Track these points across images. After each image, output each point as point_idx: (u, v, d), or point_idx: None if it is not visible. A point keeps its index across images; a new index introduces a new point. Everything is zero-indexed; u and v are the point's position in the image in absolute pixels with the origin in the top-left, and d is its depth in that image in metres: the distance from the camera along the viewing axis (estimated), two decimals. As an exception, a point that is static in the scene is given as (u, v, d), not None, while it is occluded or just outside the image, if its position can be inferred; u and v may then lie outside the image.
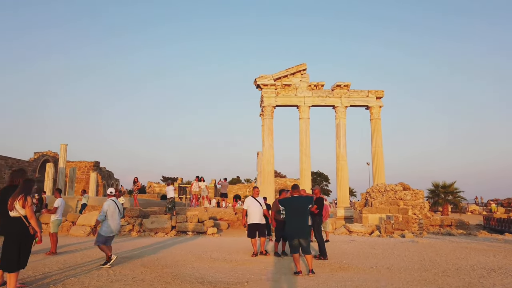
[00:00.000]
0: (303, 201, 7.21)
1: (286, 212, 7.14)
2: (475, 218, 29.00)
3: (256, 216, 9.86)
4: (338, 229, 18.49)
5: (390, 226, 17.94)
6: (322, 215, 10.05)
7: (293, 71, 26.35)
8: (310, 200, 7.39)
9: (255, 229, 9.81)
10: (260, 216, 9.92)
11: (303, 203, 7.16)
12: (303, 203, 7.16)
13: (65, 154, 43.02)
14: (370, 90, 26.60)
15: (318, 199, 9.71)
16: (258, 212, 9.89)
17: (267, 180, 25.81)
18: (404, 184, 21.38)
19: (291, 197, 7.48)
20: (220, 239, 14.01)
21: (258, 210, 9.90)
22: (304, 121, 26.22)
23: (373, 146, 26.40)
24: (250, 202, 10.04)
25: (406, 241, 13.88)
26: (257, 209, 9.90)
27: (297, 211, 7.00)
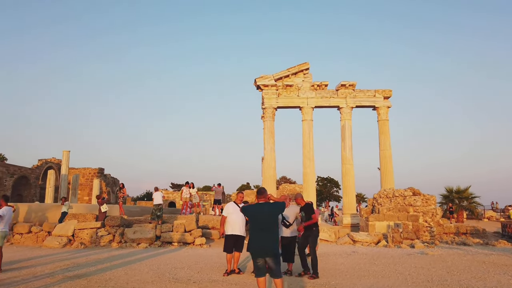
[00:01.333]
0: (270, 210, 5.55)
1: (250, 223, 5.69)
2: (492, 225, 27.10)
3: (236, 226, 8.38)
4: (341, 238, 16.99)
5: (398, 235, 16.38)
6: (317, 225, 8.65)
7: (295, 70, 25.01)
8: (279, 208, 5.69)
9: (232, 241, 8.32)
10: (241, 227, 8.44)
11: (270, 211, 5.52)
12: (270, 212, 5.51)
13: (67, 161, 42.25)
14: (377, 89, 25.11)
15: (307, 206, 8.34)
16: (239, 221, 8.40)
17: (268, 185, 24.39)
18: (413, 189, 19.79)
19: (255, 205, 5.79)
20: (205, 251, 12.67)
21: (240, 219, 8.42)
22: (307, 123, 24.82)
23: (381, 149, 24.83)
24: (232, 209, 8.50)
25: (414, 252, 12.36)
26: (239, 218, 8.42)
27: (262, 222, 5.41)
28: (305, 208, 8.32)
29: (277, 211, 5.69)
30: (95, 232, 13.62)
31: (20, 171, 41.25)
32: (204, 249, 13.45)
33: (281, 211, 5.83)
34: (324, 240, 17.07)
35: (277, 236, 5.63)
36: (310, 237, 8.16)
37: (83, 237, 13.46)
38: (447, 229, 19.70)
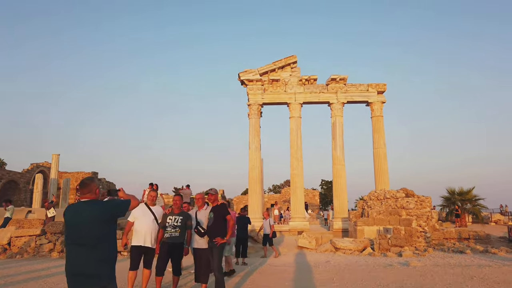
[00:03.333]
0: (92, 213, 3.38)
1: (65, 237, 3.53)
2: (499, 229, 24.96)
3: (142, 235, 6.41)
4: (322, 245, 15.22)
5: (386, 242, 14.55)
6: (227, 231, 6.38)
7: (281, 64, 23.34)
8: (107, 209, 3.47)
9: (139, 255, 6.42)
10: (152, 236, 6.47)
11: (94, 216, 3.37)
12: (92, 215, 3.37)
13: (57, 165, 41.08)
14: (370, 83, 23.31)
15: (220, 206, 6.51)
16: (149, 228, 6.46)
17: (252, 188, 22.72)
18: (407, 189, 17.93)
19: (69, 207, 3.61)
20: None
21: (149, 226, 6.48)
22: (295, 120, 23.10)
23: (375, 147, 22.98)
24: (140, 212, 6.59)
25: (396, 263, 10.55)
26: (148, 224, 6.48)
27: (79, 232, 3.34)
28: (217, 209, 6.45)
29: (103, 215, 3.43)
30: (35, 240, 12.05)
31: (9, 175, 40.10)
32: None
33: (114, 214, 3.53)
34: (303, 247, 15.34)
35: (108, 255, 3.45)
36: (215, 248, 6.18)
37: (20, 245, 11.92)
38: (447, 234, 17.79)
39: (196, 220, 6.52)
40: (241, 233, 12.28)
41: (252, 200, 22.64)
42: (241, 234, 12.24)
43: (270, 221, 14.58)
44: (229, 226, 6.30)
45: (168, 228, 6.50)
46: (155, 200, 6.92)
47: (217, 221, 6.25)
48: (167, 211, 6.82)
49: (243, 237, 12.20)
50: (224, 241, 6.11)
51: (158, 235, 6.55)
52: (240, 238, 12.16)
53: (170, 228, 6.49)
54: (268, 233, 14.35)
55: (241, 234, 12.26)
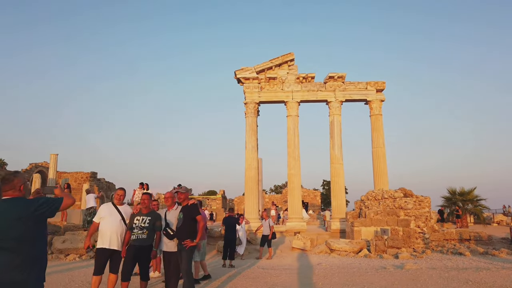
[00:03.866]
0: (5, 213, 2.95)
1: None
2: (502, 230, 24.47)
3: (108, 236, 5.95)
4: (317, 247, 14.80)
5: (382, 243, 14.10)
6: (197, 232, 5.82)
7: (278, 62, 22.91)
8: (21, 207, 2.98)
9: (104, 259, 5.96)
10: (118, 237, 6.02)
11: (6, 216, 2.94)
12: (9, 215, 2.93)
13: (55, 164, 40.96)
14: (368, 81, 22.85)
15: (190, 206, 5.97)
16: (115, 229, 6.01)
17: (249, 188, 22.32)
18: (405, 189, 17.48)
19: None
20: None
21: (116, 226, 6.03)
22: (292, 118, 22.67)
23: (374, 146, 22.52)
24: (105, 211, 6.15)
25: (391, 265, 10.13)
26: (114, 225, 6.03)
27: None
28: (187, 209, 5.98)
29: (25, 215, 2.97)
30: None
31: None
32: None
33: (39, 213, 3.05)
34: (298, 248, 14.92)
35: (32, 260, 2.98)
36: (184, 251, 5.70)
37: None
38: (448, 235, 17.33)
39: (165, 221, 6.10)
40: (229, 234, 11.88)
41: (249, 200, 22.26)
42: (229, 236, 11.83)
43: (270, 221, 14.20)
44: (199, 227, 5.84)
45: (135, 230, 6.04)
46: (123, 199, 6.41)
47: (186, 222, 5.80)
48: (135, 211, 6.38)
49: (231, 239, 11.79)
50: (193, 244, 5.68)
51: (125, 236, 6.10)
52: (228, 240, 11.75)
53: (137, 229, 6.03)
54: (268, 234, 13.95)
55: (229, 235, 11.85)
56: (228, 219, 12.26)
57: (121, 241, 6.07)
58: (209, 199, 62.17)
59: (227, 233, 11.93)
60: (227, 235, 11.89)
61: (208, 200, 61.69)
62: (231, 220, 12.24)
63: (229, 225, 12.01)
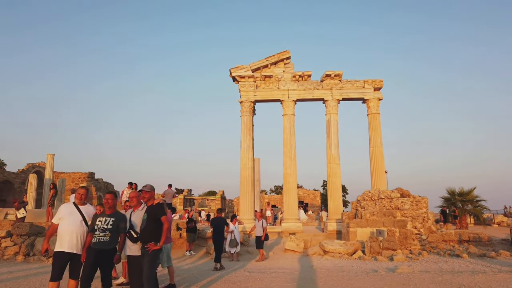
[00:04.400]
0: None
1: None
2: (502, 231, 23.97)
3: (67, 238, 5.49)
4: (311, 248, 14.38)
5: (377, 245, 13.69)
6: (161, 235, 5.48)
7: (274, 60, 22.52)
8: None
9: (62, 263, 5.46)
10: (78, 240, 5.57)
11: None
12: None
13: (51, 164, 40.56)
14: (366, 79, 22.44)
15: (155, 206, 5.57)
16: (75, 231, 5.57)
17: (244, 188, 21.91)
18: (402, 189, 17.07)
19: None
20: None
21: (76, 228, 5.59)
22: (288, 117, 22.27)
23: (371, 146, 22.09)
24: (65, 211, 5.69)
25: (383, 268, 9.73)
26: (75, 226, 5.58)
27: None
28: (151, 210, 5.58)
29: None
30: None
31: (3, 175, 39.58)
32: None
33: None
34: (290, 250, 14.52)
35: None
36: (146, 255, 5.27)
37: (-17, 248, 11.23)
38: (446, 236, 16.91)
39: (130, 222, 5.69)
40: (217, 236, 11.48)
41: (244, 200, 21.88)
42: (217, 237, 11.43)
43: (263, 222, 13.80)
44: (164, 229, 5.43)
45: (97, 232, 5.57)
46: (84, 198, 5.91)
47: (150, 223, 5.39)
48: (98, 211, 5.93)
49: (219, 240, 11.39)
50: (157, 248, 5.28)
51: (86, 239, 5.65)
52: (216, 241, 11.36)
53: (99, 231, 5.56)
54: (261, 235, 13.54)
55: (217, 237, 11.45)
56: (216, 220, 11.85)
57: (81, 244, 5.62)
58: (208, 200, 61.81)
59: (215, 234, 11.55)
60: (215, 236, 11.51)
61: (207, 201, 61.35)
62: (220, 221, 11.83)
63: (217, 226, 11.61)
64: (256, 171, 36.11)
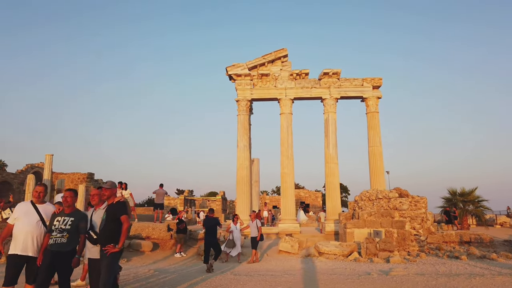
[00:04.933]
0: None
1: None
2: (505, 232, 23.50)
3: (20, 240, 5.13)
4: (306, 250, 14.00)
5: (374, 246, 13.28)
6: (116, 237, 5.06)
7: (271, 58, 22.15)
8: None
9: (17, 266, 5.10)
10: (35, 241, 5.18)
11: None
12: None
13: (50, 165, 40.17)
14: (364, 78, 22.03)
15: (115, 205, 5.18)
16: (31, 232, 5.18)
17: (241, 188, 21.52)
18: (400, 189, 16.66)
19: None
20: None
21: (32, 229, 5.20)
22: (286, 116, 21.89)
23: (370, 145, 21.67)
24: (21, 211, 5.30)
25: (377, 270, 9.33)
26: (30, 227, 5.20)
27: None
28: (111, 208, 5.18)
29: None
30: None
31: (2, 176, 39.39)
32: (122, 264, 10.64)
33: None
34: (285, 251, 14.14)
35: None
36: (104, 258, 4.84)
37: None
38: (447, 238, 16.48)
39: (90, 222, 5.33)
40: (209, 236, 11.12)
41: (241, 201, 21.49)
42: (210, 238, 11.07)
43: (257, 223, 13.42)
44: (123, 230, 5.02)
45: (54, 233, 5.17)
46: (43, 196, 5.54)
47: (109, 223, 5.01)
48: (57, 211, 5.53)
49: (212, 241, 11.02)
50: (116, 250, 4.90)
51: (44, 240, 5.25)
52: (209, 242, 11.00)
53: (56, 232, 5.15)
54: (256, 236, 13.16)
55: (209, 238, 11.09)
56: (209, 220, 11.48)
57: (37, 246, 5.23)
58: (209, 201, 61.49)
59: (208, 235, 11.16)
60: (208, 237, 11.12)
61: (208, 202, 61.02)
62: (212, 221, 11.45)
63: (210, 226, 11.23)
64: (255, 171, 35.84)
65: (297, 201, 54.20)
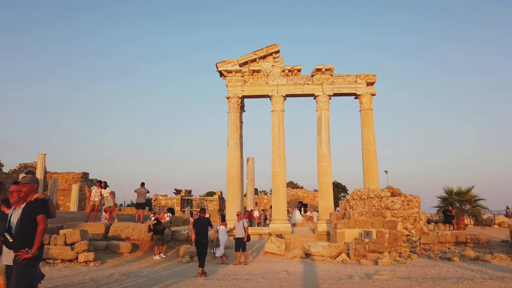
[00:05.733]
0: None
1: None
2: (503, 232, 22.91)
3: None
4: (293, 251, 13.45)
5: (363, 247, 12.73)
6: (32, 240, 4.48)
7: (262, 53, 21.60)
8: None
9: None
10: None
11: None
12: None
13: (43, 164, 39.79)
14: (358, 74, 21.48)
15: (32, 203, 4.58)
16: None
17: (231, 188, 20.96)
18: (392, 188, 16.10)
19: None
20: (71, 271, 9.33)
21: None
22: (277, 114, 21.34)
23: (364, 143, 21.11)
24: None
25: (360, 274, 8.80)
26: None
27: None
28: (26, 208, 4.62)
29: None
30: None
31: (-6, 175, 38.94)
32: (81, 267, 10.10)
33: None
34: (271, 253, 13.59)
35: None
36: (15, 265, 4.23)
37: None
38: (442, 238, 15.99)
39: (9, 223, 4.78)
40: (200, 238, 10.27)
41: (231, 201, 20.93)
42: (200, 240, 10.23)
43: (244, 223, 12.77)
44: (38, 232, 4.41)
45: None
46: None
47: (23, 224, 4.43)
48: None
49: (202, 243, 10.21)
50: (28, 256, 4.32)
51: None
52: (199, 244, 10.22)
53: None
54: (242, 237, 12.44)
55: (200, 239, 10.26)
56: (199, 220, 10.65)
57: None
58: (207, 201, 60.92)
59: (198, 236, 10.29)
60: (198, 239, 10.26)
61: (206, 202, 60.45)
62: (203, 222, 10.63)
63: (200, 227, 10.40)
64: (250, 170, 35.20)
65: (295, 201, 53.74)
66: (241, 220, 12.86)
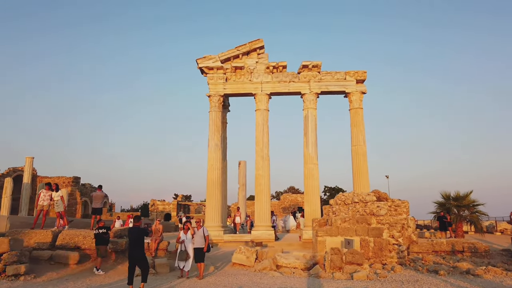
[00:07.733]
0: None
1: None
2: (505, 240, 21.34)
3: None
4: (262, 262, 12.03)
5: (339, 258, 11.29)
6: None
7: (246, 49, 20.37)
8: None
9: None
10: None
11: None
12: None
13: (30, 168, 38.79)
14: (347, 71, 20.14)
15: None
16: None
17: (211, 192, 19.63)
18: (379, 192, 14.68)
19: None
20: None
21: None
22: (261, 113, 20.06)
23: (353, 144, 19.75)
24: None
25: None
26: None
27: None
28: None
29: None
30: None
31: (-19, 179, 37.86)
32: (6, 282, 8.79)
33: None
34: (239, 264, 12.20)
35: None
36: None
37: None
38: (437, 246, 14.56)
39: None
40: (134, 251, 8.70)
41: (210, 206, 19.63)
42: (135, 253, 8.68)
43: (204, 231, 11.36)
44: None
45: None
46: None
47: None
48: None
49: (136, 256, 8.69)
50: None
51: None
52: (133, 258, 8.66)
53: None
54: (201, 247, 11.03)
55: (134, 252, 8.68)
56: (133, 230, 9.07)
57: None
58: (204, 206, 59.47)
59: (132, 249, 8.77)
60: (132, 252, 8.75)
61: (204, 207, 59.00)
62: (137, 231, 9.06)
63: (134, 238, 8.87)
64: (242, 174, 33.81)
65: (294, 206, 52.19)
66: (200, 228, 11.37)
